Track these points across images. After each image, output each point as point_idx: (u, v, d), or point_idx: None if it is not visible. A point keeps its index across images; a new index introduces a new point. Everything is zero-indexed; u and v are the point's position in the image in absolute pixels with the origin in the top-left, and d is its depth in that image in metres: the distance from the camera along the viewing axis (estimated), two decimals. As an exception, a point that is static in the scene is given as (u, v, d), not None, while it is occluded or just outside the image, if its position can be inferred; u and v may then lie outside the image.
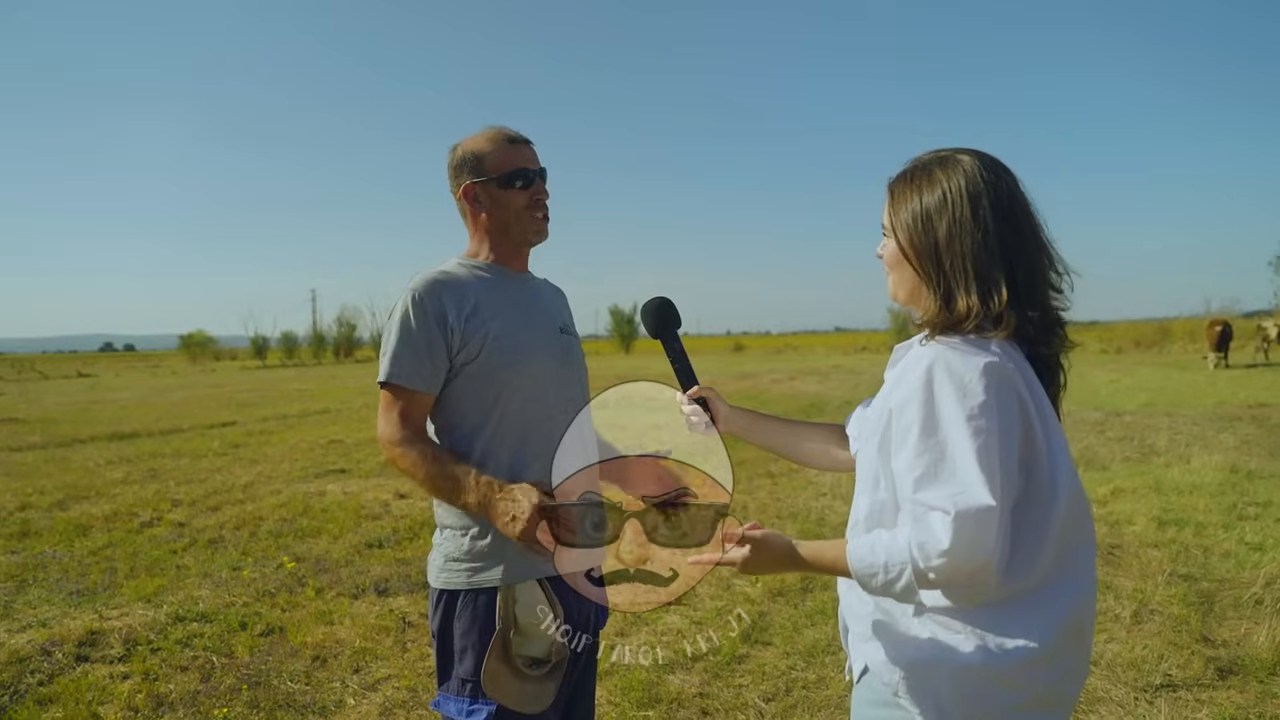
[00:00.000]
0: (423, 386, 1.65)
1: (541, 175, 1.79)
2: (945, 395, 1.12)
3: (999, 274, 1.18)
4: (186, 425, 12.96)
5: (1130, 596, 3.95)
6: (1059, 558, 1.17)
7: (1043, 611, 1.15)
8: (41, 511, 6.58)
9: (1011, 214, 1.21)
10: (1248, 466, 6.89)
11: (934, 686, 1.17)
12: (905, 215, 1.26)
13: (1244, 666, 3.18)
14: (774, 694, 3.12)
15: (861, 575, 1.16)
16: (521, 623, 1.64)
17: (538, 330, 1.77)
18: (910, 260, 1.26)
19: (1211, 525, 5.15)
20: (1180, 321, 30.99)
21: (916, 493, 1.11)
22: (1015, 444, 1.13)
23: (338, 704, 3.15)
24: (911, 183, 1.27)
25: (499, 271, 1.79)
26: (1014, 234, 1.20)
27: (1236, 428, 9.30)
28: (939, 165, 1.26)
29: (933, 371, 1.14)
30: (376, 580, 4.55)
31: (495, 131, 1.78)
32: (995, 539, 1.06)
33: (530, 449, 1.70)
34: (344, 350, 53.84)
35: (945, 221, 1.20)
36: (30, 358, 72.74)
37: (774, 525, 5.61)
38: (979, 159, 1.24)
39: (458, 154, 1.78)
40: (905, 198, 1.27)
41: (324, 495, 6.97)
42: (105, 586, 4.58)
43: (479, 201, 1.76)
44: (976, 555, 1.06)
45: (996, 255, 1.18)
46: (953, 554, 1.06)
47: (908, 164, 1.32)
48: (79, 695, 3.19)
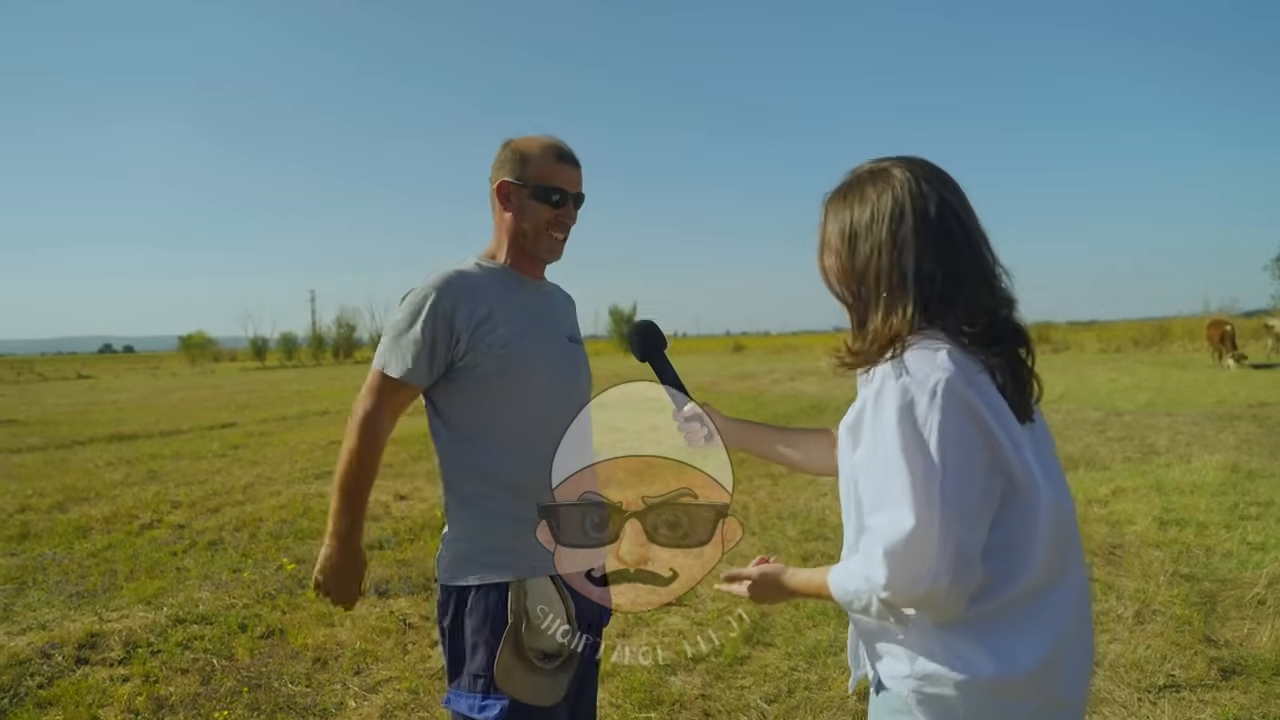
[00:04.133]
0: (414, 380, 1.67)
1: (576, 201, 1.80)
2: (890, 418, 1.09)
3: (907, 295, 1.15)
4: (186, 427, 12.95)
5: (1132, 597, 3.94)
6: (1051, 564, 1.15)
7: (1044, 618, 1.15)
8: (41, 513, 6.56)
9: (938, 228, 1.17)
10: (1249, 466, 6.88)
11: (948, 699, 1.16)
12: (832, 234, 1.25)
13: (1247, 667, 3.18)
14: (776, 695, 3.11)
15: (841, 602, 1.19)
16: (533, 617, 1.64)
17: (547, 338, 1.79)
18: (839, 282, 1.26)
19: (1213, 525, 5.14)
20: (1179, 321, 30.98)
21: (868, 518, 1.12)
22: (973, 459, 1.10)
23: (338, 706, 3.14)
24: (843, 199, 1.25)
25: (514, 276, 1.81)
26: (937, 248, 1.16)
27: (1237, 427, 9.29)
28: (872, 180, 1.22)
29: (881, 393, 1.12)
30: (377, 582, 4.54)
31: (550, 141, 1.79)
32: (934, 564, 1.05)
33: (534, 455, 1.70)
34: (343, 351, 53.81)
35: (871, 241, 1.18)
36: (29, 359, 72.69)
37: (774, 526, 5.60)
38: (910, 170, 1.21)
39: (509, 149, 1.79)
40: (835, 215, 1.25)
41: (324, 497, 6.95)
42: (105, 589, 4.57)
43: (509, 201, 1.77)
44: (918, 584, 1.06)
45: (909, 274, 1.15)
46: (892, 587, 1.07)
47: (845, 176, 1.28)
48: (79, 698, 3.18)
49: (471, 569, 1.67)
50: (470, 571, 1.67)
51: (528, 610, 1.64)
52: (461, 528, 1.72)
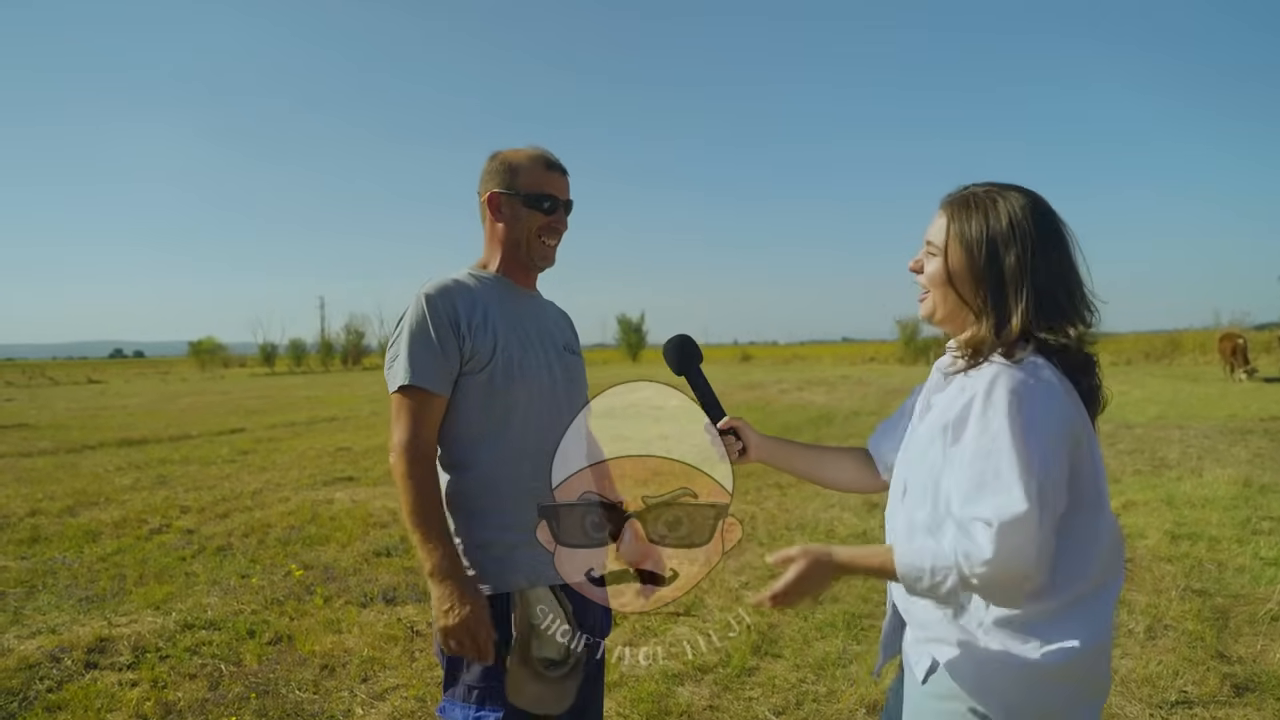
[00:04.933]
0: (440, 389, 1.66)
1: (566, 207, 1.83)
2: (1001, 412, 1.17)
3: (1053, 305, 1.25)
4: (195, 432, 13.01)
5: (1144, 612, 3.91)
6: (1106, 569, 1.26)
7: (1095, 612, 1.24)
8: (51, 517, 6.60)
9: (1062, 253, 1.28)
10: (1261, 480, 6.83)
11: (1002, 686, 1.23)
12: (969, 238, 1.30)
13: (1261, 684, 3.14)
14: (784, 707, 3.10)
15: (908, 579, 1.21)
16: (538, 627, 1.64)
17: (543, 346, 1.80)
18: (962, 283, 1.30)
19: (1225, 540, 5.10)
20: (1190, 334, 30.83)
21: (965, 505, 1.17)
22: (1064, 460, 1.19)
23: (346, 713, 3.14)
24: (974, 208, 1.31)
25: (507, 285, 1.82)
26: (1062, 272, 1.27)
27: (1249, 441, 9.23)
28: (1000, 196, 1.30)
29: (993, 389, 1.19)
30: (385, 589, 4.54)
31: (537, 152, 1.81)
32: (1035, 549, 1.12)
33: (532, 463, 1.71)
34: (352, 357, 53.99)
35: (1014, 251, 1.25)
36: (41, 364, 73.21)
37: (782, 536, 5.59)
38: (1035, 197, 1.30)
39: (496, 161, 1.81)
40: (967, 221, 1.30)
41: (332, 503, 6.97)
42: (114, 593, 4.59)
43: (500, 211, 1.79)
44: (1016, 564, 1.13)
45: (1049, 289, 1.25)
46: (994, 563, 1.12)
47: (963, 188, 1.36)
48: (88, 702, 3.19)
49: (474, 580, 1.66)
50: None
51: (531, 619, 1.64)
52: (465, 538, 1.70)
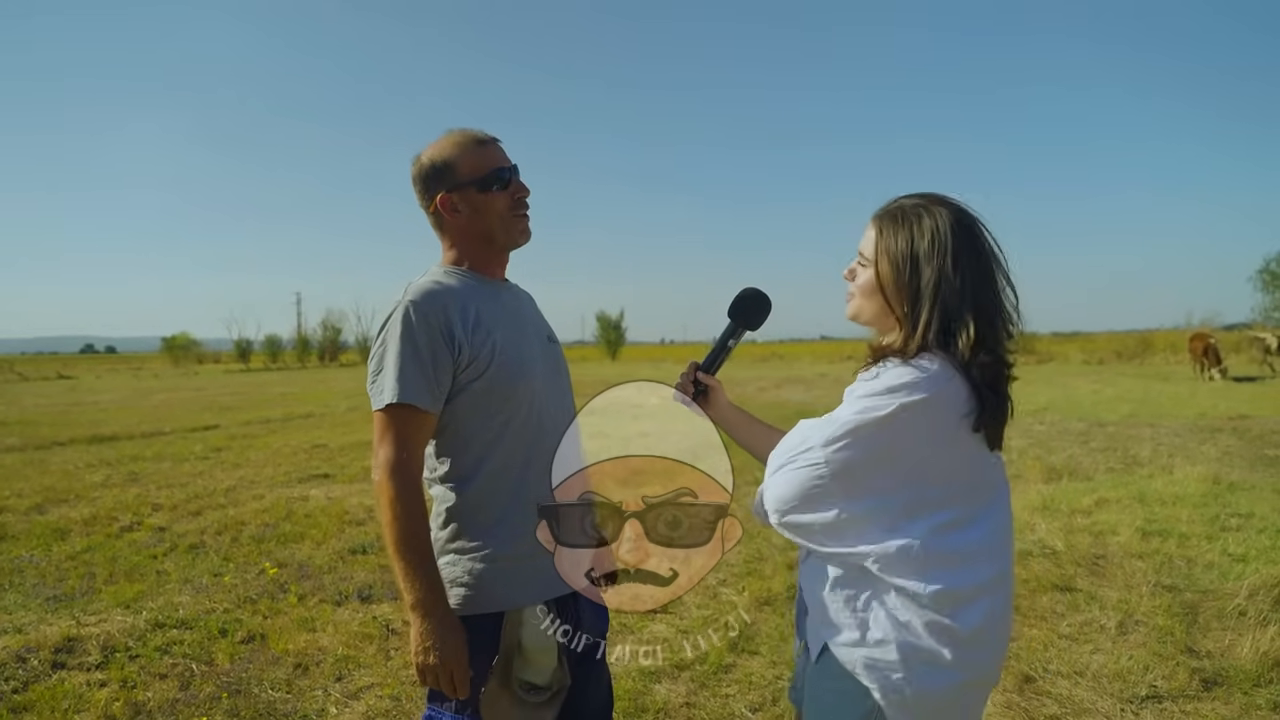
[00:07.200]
0: (430, 405, 1.55)
1: (514, 171, 1.71)
2: (858, 393, 1.28)
3: (967, 319, 1.28)
4: (168, 428, 12.82)
5: (1115, 607, 3.96)
6: (992, 555, 1.30)
7: (979, 602, 1.27)
8: (19, 515, 6.47)
9: (984, 267, 1.31)
10: (1230, 478, 6.94)
11: (888, 665, 1.27)
12: (894, 253, 1.33)
13: (1228, 678, 3.20)
14: (761, 704, 3.11)
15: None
16: (526, 647, 1.59)
17: (532, 341, 1.73)
18: (887, 294, 1.35)
19: (1195, 536, 5.18)
20: (1161, 333, 31.34)
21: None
22: (890, 440, 1.26)
23: (320, 713, 3.10)
24: (901, 222, 1.34)
25: (483, 280, 1.72)
26: (982, 286, 1.30)
27: (1218, 439, 9.39)
28: (927, 211, 1.33)
29: (876, 379, 1.28)
30: (360, 587, 4.50)
31: (460, 135, 1.69)
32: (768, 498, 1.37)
33: (535, 465, 1.66)
34: (329, 354, 53.55)
35: (933, 267, 1.30)
36: (9, 358, 71.81)
37: (760, 533, 5.59)
38: (961, 212, 1.34)
39: (424, 165, 1.68)
40: (894, 236, 1.34)
41: (307, 500, 6.90)
42: (83, 592, 4.51)
43: (458, 211, 1.68)
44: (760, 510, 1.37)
45: (966, 303, 1.28)
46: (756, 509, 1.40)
47: (893, 202, 1.39)
48: (55, 703, 3.13)
49: (463, 598, 1.60)
50: (462, 600, 1.60)
51: (521, 641, 1.59)
52: (454, 555, 1.63)
